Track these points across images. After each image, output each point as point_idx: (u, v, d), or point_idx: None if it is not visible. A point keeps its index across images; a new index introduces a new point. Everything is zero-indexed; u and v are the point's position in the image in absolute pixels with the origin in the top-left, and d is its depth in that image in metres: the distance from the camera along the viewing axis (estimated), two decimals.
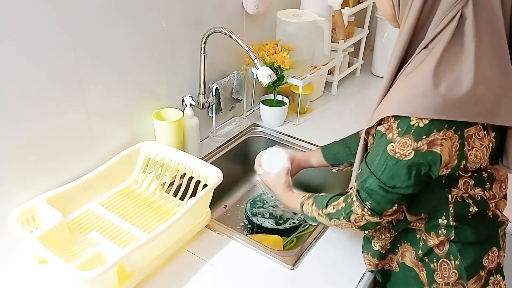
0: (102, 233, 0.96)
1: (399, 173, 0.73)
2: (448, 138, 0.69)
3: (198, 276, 0.95)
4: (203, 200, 1.01)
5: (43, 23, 0.88)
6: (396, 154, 0.72)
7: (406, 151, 0.70)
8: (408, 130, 0.69)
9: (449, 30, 0.68)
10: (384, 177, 0.75)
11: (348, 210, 0.84)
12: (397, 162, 0.72)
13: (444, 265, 0.82)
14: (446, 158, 0.70)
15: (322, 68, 1.60)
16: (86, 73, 1.00)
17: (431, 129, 0.68)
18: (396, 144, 0.71)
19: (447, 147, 0.69)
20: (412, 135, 0.69)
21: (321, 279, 0.96)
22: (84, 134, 1.06)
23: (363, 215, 0.81)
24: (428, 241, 0.83)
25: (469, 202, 0.78)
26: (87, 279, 0.77)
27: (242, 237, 1.05)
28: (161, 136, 1.22)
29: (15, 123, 0.90)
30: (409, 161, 0.71)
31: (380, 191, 0.77)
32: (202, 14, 1.26)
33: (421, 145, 0.69)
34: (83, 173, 1.05)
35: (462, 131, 0.69)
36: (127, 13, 1.04)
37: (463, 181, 0.76)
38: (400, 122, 0.70)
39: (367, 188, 0.79)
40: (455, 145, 0.70)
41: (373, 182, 0.77)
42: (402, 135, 0.70)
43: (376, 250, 0.92)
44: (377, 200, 0.78)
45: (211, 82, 1.36)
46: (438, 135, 0.68)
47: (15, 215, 0.89)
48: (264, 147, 1.51)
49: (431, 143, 0.69)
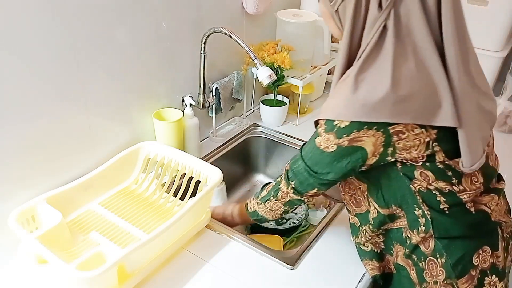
0: (102, 233, 0.96)
1: (321, 161, 0.83)
2: (370, 135, 0.75)
3: (198, 276, 0.95)
4: (203, 200, 1.01)
5: (43, 24, 0.88)
6: (321, 146, 0.81)
7: (329, 145, 0.80)
8: (331, 129, 0.78)
9: (372, 41, 0.74)
10: (309, 162, 0.86)
11: (276, 187, 0.96)
12: (321, 152, 0.82)
13: (431, 263, 0.84)
14: (370, 148, 0.77)
15: (322, 68, 1.60)
16: (86, 73, 1.00)
17: (351, 129, 0.76)
18: (322, 138, 0.80)
19: (370, 141, 0.76)
20: (335, 133, 0.78)
21: (321, 279, 0.96)
22: (84, 134, 1.06)
23: (287, 192, 0.94)
24: (412, 238, 0.85)
25: (435, 193, 0.81)
26: (87, 279, 0.77)
27: (242, 237, 1.05)
28: (161, 136, 1.22)
29: (15, 123, 0.90)
30: (331, 153, 0.80)
31: (305, 173, 0.87)
32: (202, 14, 1.26)
33: (342, 141, 0.78)
34: (83, 173, 1.05)
35: (385, 128, 0.74)
36: (127, 13, 1.04)
37: (419, 172, 0.80)
38: (326, 121, 0.79)
39: (295, 168, 0.90)
40: (380, 139, 0.76)
41: (301, 164, 0.88)
42: (326, 132, 0.79)
43: (370, 251, 0.93)
44: (301, 181, 0.89)
45: (211, 82, 1.36)
46: (357, 133, 0.75)
47: (15, 215, 0.89)
48: (264, 147, 1.52)
49: (351, 140, 0.77)
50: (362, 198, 0.90)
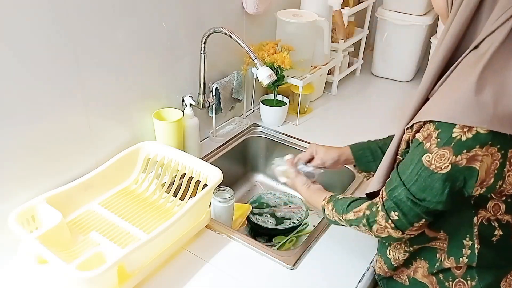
0: (102, 233, 0.96)
1: (431, 186, 0.68)
2: (489, 154, 0.63)
3: (198, 276, 0.95)
4: (203, 200, 1.01)
5: (42, 25, 0.88)
6: (431, 165, 0.67)
7: (442, 163, 0.65)
8: (448, 142, 0.64)
9: (503, 31, 0.62)
10: (415, 188, 0.71)
11: (372, 219, 0.79)
12: (431, 174, 0.67)
13: (460, 284, 0.77)
14: (482, 175, 0.65)
15: (322, 68, 1.60)
16: (86, 74, 1.00)
17: (474, 143, 0.62)
18: (433, 156, 0.66)
19: (486, 164, 0.64)
20: (452, 148, 0.64)
21: (321, 279, 0.96)
22: (84, 134, 1.06)
23: (386, 227, 0.76)
24: (445, 264, 0.78)
25: (495, 225, 0.74)
26: (87, 279, 0.77)
27: (242, 237, 1.05)
28: (161, 136, 1.22)
29: (15, 123, 0.90)
30: (444, 174, 0.66)
31: (408, 202, 0.72)
32: (202, 14, 1.26)
33: (460, 159, 0.64)
34: (83, 173, 1.05)
35: (506, 150, 0.64)
36: (126, 13, 1.04)
37: (493, 204, 0.71)
38: (440, 132, 0.65)
39: (395, 198, 0.74)
40: (495, 163, 0.64)
41: (402, 192, 0.73)
42: (441, 146, 0.65)
43: (389, 258, 0.88)
44: (404, 212, 0.73)
45: (211, 82, 1.36)
46: (480, 151, 0.63)
47: (15, 215, 0.89)
48: (264, 147, 1.52)
49: (471, 159, 0.64)
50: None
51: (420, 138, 0.69)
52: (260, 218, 1.28)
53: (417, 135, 0.70)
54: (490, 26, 0.64)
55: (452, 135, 0.63)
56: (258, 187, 1.53)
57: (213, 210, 1.15)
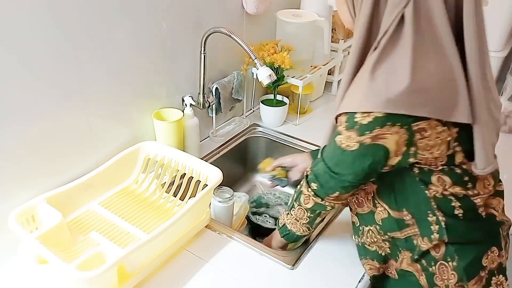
0: (102, 233, 0.96)
1: (343, 161, 0.80)
2: (393, 132, 0.72)
3: (198, 276, 0.95)
4: (203, 200, 1.01)
5: (43, 25, 0.88)
6: (342, 144, 0.78)
7: (350, 143, 0.77)
8: (352, 126, 0.75)
9: (390, 30, 0.72)
10: (330, 163, 0.84)
11: (298, 191, 0.93)
12: (343, 151, 0.79)
13: (442, 267, 0.82)
14: (393, 147, 0.74)
15: (322, 68, 1.60)
16: (86, 74, 1.00)
17: (374, 125, 0.72)
18: (343, 136, 0.78)
19: (394, 139, 0.73)
20: (357, 130, 0.75)
21: (321, 279, 0.96)
22: (84, 134, 1.06)
23: (309, 195, 0.90)
24: (422, 246, 0.83)
25: (451, 199, 0.79)
26: (87, 279, 0.77)
27: (242, 237, 1.05)
28: (161, 136, 1.22)
29: (15, 123, 0.90)
30: (353, 151, 0.77)
31: (325, 175, 0.85)
32: (202, 14, 1.26)
33: (364, 139, 0.74)
34: (83, 173, 1.05)
35: (409, 125, 0.72)
36: (127, 13, 1.04)
37: (436, 177, 0.78)
38: (347, 118, 0.76)
39: (315, 171, 0.88)
40: (403, 137, 0.73)
41: (321, 166, 0.86)
42: (348, 129, 0.76)
43: (373, 251, 0.92)
44: (321, 183, 0.87)
45: (211, 82, 1.36)
46: (380, 130, 0.72)
47: (15, 215, 0.89)
48: (264, 147, 1.52)
49: (374, 137, 0.74)
50: (364, 199, 0.89)
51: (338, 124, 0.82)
52: (260, 218, 1.28)
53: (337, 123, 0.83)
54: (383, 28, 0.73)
55: (354, 120, 0.74)
56: (258, 187, 1.54)
57: (213, 210, 1.15)
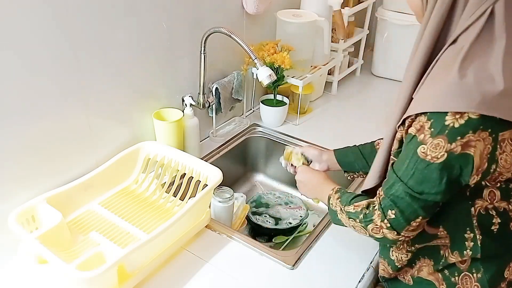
0: (102, 233, 0.96)
1: (429, 177, 0.69)
2: (481, 139, 0.65)
3: (198, 276, 0.95)
4: (203, 200, 1.01)
5: (43, 25, 0.88)
6: (427, 156, 0.67)
7: (438, 153, 0.66)
8: (442, 131, 0.65)
9: (478, 25, 0.66)
10: (412, 181, 0.71)
11: (369, 218, 0.79)
12: (428, 165, 0.68)
13: (466, 278, 0.78)
14: (477, 161, 0.66)
15: (322, 68, 1.60)
16: (86, 74, 1.00)
17: (467, 129, 0.64)
18: (428, 146, 0.67)
19: (479, 149, 0.65)
20: (446, 136, 0.65)
21: (321, 279, 0.96)
22: (84, 135, 1.06)
23: (381, 227, 0.76)
24: (450, 259, 0.79)
25: (493, 214, 0.74)
26: (87, 279, 0.77)
27: (242, 237, 1.05)
28: (161, 136, 1.22)
29: (16, 124, 0.90)
30: (440, 164, 0.67)
31: (406, 197, 0.72)
32: (202, 14, 1.26)
33: (454, 146, 0.65)
34: (83, 173, 1.05)
35: (497, 134, 0.65)
36: (127, 13, 1.04)
37: (488, 191, 0.73)
38: (433, 122, 0.66)
39: (392, 195, 0.74)
40: (487, 148, 0.66)
41: (400, 187, 0.72)
42: (435, 135, 0.66)
43: (392, 260, 0.88)
44: (401, 209, 0.73)
45: (211, 82, 1.36)
46: (473, 136, 0.64)
47: (15, 215, 0.89)
48: (264, 147, 1.52)
49: (465, 145, 0.64)
50: None
51: (413, 132, 0.70)
52: (260, 218, 1.29)
53: (410, 130, 0.71)
54: (465, 22, 0.67)
55: (445, 123, 0.64)
56: (258, 187, 1.54)
57: (213, 210, 1.15)
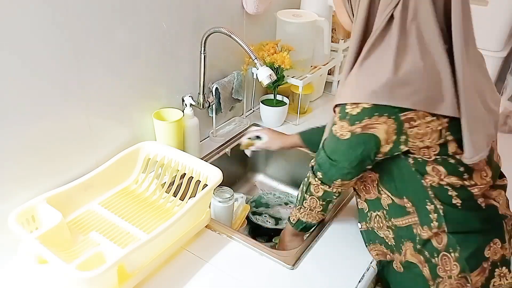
0: (102, 233, 0.96)
1: (338, 149, 0.86)
2: (382, 122, 0.77)
3: (198, 276, 0.95)
4: (203, 200, 1.01)
5: (43, 24, 0.88)
6: (337, 133, 0.84)
7: (343, 132, 0.82)
8: (344, 116, 0.81)
9: (379, 29, 0.77)
10: (328, 150, 0.89)
11: (307, 183, 0.98)
12: (337, 140, 0.84)
13: (444, 258, 0.84)
14: (383, 136, 0.78)
15: (322, 68, 1.60)
16: (86, 74, 1.00)
17: (363, 116, 0.77)
18: (337, 126, 0.83)
19: (383, 129, 0.77)
20: (348, 120, 0.80)
21: (321, 279, 0.96)
22: (84, 134, 1.06)
23: (317, 184, 0.95)
24: (423, 234, 0.85)
25: (447, 188, 0.82)
26: (87, 279, 0.77)
27: (242, 237, 1.05)
28: (161, 136, 1.22)
29: (15, 123, 0.90)
30: (346, 140, 0.82)
31: (326, 163, 0.90)
32: (202, 14, 1.26)
33: (355, 128, 0.80)
34: (83, 173, 1.05)
35: (396, 115, 0.76)
36: (127, 13, 1.04)
37: (431, 168, 0.81)
38: (340, 109, 0.82)
39: (318, 160, 0.93)
40: (392, 126, 0.77)
41: (322, 155, 0.91)
42: (340, 119, 0.82)
43: (382, 238, 0.95)
44: (325, 172, 0.92)
45: (211, 82, 1.36)
46: (369, 120, 0.77)
47: (15, 215, 0.89)
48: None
49: (364, 127, 0.78)
50: (371, 186, 0.92)
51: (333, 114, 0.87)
52: (260, 218, 1.29)
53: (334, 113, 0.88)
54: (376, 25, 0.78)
55: (346, 111, 0.80)
56: (258, 187, 1.54)
57: (213, 210, 1.15)
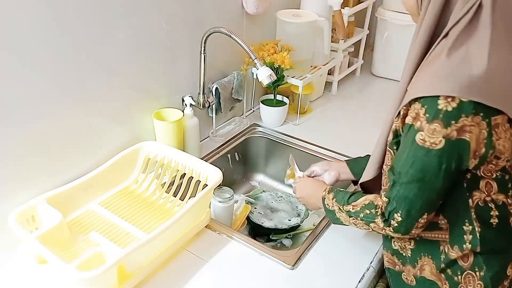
0: (102, 233, 0.96)
1: (430, 164, 0.69)
2: (476, 124, 0.66)
3: (198, 276, 0.95)
4: (203, 200, 1.01)
5: (43, 24, 0.88)
6: (425, 143, 0.69)
7: (435, 138, 0.67)
8: (436, 115, 0.67)
9: (466, 18, 0.68)
10: (412, 170, 0.71)
11: (370, 219, 0.81)
12: (427, 152, 0.69)
13: (468, 277, 0.79)
14: (474, 146, 0.68)
15: (322, 68, 1.60)
16: (86, 74, 1.00)
17: (460, 113, 0.66)
18: (425, 132, 0.68)
19: (475, 134, 0.67)
20: (441, 120, 0.67)
21: (321, 279, 0.96)
22: (84, 134, 1.06)
23: (384, 229, 0.79)
24: (451, 254, 0.80)
25: (491, 206, 0.76)
26: (87, 279, 0.77)
27: (242, 237, 1.05)
28: (161, 136, 1.22)
29: (15, 123, 0.90)
30: (439, 150, 0.68)
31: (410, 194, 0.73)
32: (202, 14, 1.26)
33: (450, 131, 0.67)
34: (83, 173, 1.05)
35: (489, 118, 0.67)
36: (127, 13, 1.04)
37: (485, 183, 0.74)
38: (427, 108, 0.68)
39: (395, 196, 0.75)
40: (483, 133, 0.67)
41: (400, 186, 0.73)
42: (430, 121, 0.67)
43: (395, 249, 0.90)
44: (407, 211, 0.74)
45: (211, 82, 1.36)
46: (466, 120, 0.66)
47: (15, 215, 0.89)
48: (264, 147, 1.52)
49: (460, 130, 0.66)
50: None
51: (409, 121, 0.72)
52: (260, 218, 1.28)
53: (406, 120, 0.73)
54: (455, 16, 0.70)
55: (438, 107, 0.66)
56: (258, 187, 1.53)
57: (213, 210, 1.15)
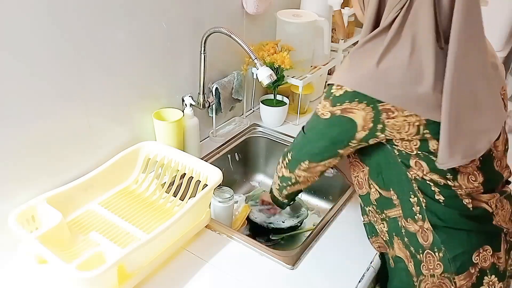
0: (102, 233, 0.96)
1: (316, 126, 0.89)
2: (360, 109, 0.78)
3: (198, 276, 0.95)
4: (203, 200, 1.01)
5: (43, 24, 0.88)
6: (318, 112, 0.86)
7: (324, 111, 0.84)
8: (328, 96, 0.82)
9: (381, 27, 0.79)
10: (306, 126, 0.92)
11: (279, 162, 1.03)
12: (317, 118, 0.86)
13: (429, 256, 0.85)
14: (360, 122, 0.79)
15: (322, 68, 1.60)
16: (86, 73, 1.00)
17: (344, 99, 0.79)
18: (321, 105, 0.85)
19: (360, 115, 0.79)
20: (331, 100, 0.82)
21: (321, 279, 0.96)
22: (84, 134, 1.06)
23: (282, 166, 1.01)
24: (408, 227, 0.87)
25: (430, 184, 0.82)
26: (87, 279, 0.77)
27: (242, 237, 1.05)
28: (161, 136, 1.22)
29: (15, 123, 0.90)
30: (324, 120, 0.84)
31: (300, 140, 0.94)
32: (202, 14, 1.26)
33: (335, 110, 0.81)
34: (83, 173, 1.05)
35: (375, 105, 0.77)
36: (127, 13, 1.04)
37: (414, 162, 0.81)
38: (327, 90, 0.84)
39: (295, 140, 0.98)
40: (369, 114, 0.78)
41: (300, 133, 0.95)
42: (325, 98, 0.84)
43: (378, 233, 0.97)
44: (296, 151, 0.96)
45: (211, 82, 1.36)
46: (349, 104, 0.79)
47: (15, 215, 0.89)
48: (264, 147, 1.52)
49: (343, 110, 0.80)
50: (363, 180, 0.93)
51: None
52: (260, 218, 1.28)
53: None
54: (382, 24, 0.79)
55: (331, 91, 0.82)
56: (258, 187, 1.53)
57: (213, 210, 1.15)
